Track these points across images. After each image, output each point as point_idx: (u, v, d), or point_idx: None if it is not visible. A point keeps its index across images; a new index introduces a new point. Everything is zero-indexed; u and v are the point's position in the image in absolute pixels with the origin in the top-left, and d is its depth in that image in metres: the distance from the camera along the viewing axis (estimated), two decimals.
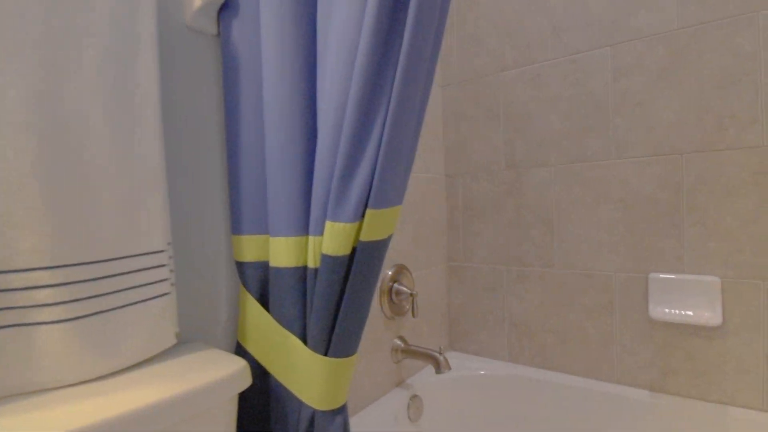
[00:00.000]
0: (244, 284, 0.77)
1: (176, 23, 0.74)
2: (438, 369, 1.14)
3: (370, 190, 0.58)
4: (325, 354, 0.66)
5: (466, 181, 1.50)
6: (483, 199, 1.46)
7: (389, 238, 0.64)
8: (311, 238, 0.65)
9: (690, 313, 1.05)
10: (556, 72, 1.29)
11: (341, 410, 0.68)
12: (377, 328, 1.20)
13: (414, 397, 1.23)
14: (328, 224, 0.60)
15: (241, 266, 0.78)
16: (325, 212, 0.62)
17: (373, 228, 0.60)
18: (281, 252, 0.69)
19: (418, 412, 1.23)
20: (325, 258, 0.61)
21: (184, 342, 0.73)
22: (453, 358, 1.49)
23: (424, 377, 1.32)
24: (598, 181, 1.22)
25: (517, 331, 1.41)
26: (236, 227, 0.77)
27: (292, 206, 0.67)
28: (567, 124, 1.28)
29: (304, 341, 0.69)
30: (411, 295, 1.20)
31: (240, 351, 0.80)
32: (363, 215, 0.59)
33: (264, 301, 0.76)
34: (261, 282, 0.76)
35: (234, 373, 0.62)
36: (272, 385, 0.74)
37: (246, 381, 0.64)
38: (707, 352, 1.07)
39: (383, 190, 0.58)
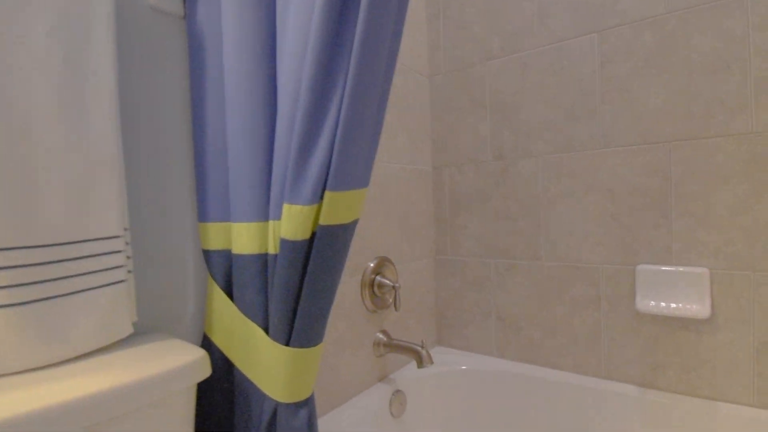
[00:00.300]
0: (211, 273, 0.75)
1: (139, 3, 0.72)
2: (420, 363, 1.12)
3: (328, 171, 0.56)
4: (287, 344, 0.63)
5: (453, 172, 1.47)
6: (470, 191, 1.43)
7: (354, 223, 0.62)
8: (272, 222, 0.62)
9: (678, 305, 1.02)
10: (543, 60, 1.26)
11: (306, 403, 0.66)
12: (358, 321, 1.17)
13: (397, 392, 1.20)
14: (285, 207, 0.57)
15: (207, 255, 0.75)
16: (283, 195, 0.60)
17: (333, 211, 0.57)
18: (243, 238, 0.66)
19: (401, 407, 1.21)
20: (284, 242, 0.58)
21: (145, 332, 0.71)
22: (440, 353, 1.47)
23: (408, 372, 1.30)
24: (586, 171, 1.19)
25: (504, 326, 1.38)
26: (202, 214, 0.75)
27: (253, 190, 0.64)
28: (554, 113, 1.25)
29: (267, 331, 0.67)
30: (393, 287, 1.18)
31: (206, 343, 0.77)
32: (322, 197, 0.57)
33: (229, 290, 0.74)
34: (226, 271, 0.73)
35: (191, 362, 0.59)
36: (236, 377, 0.72)
37: (204, 371, 0.61)
38: (697, 346, 1.04)
39: (343, 171, 0.56)
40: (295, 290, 0.60)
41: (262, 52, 0.65)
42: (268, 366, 0.65)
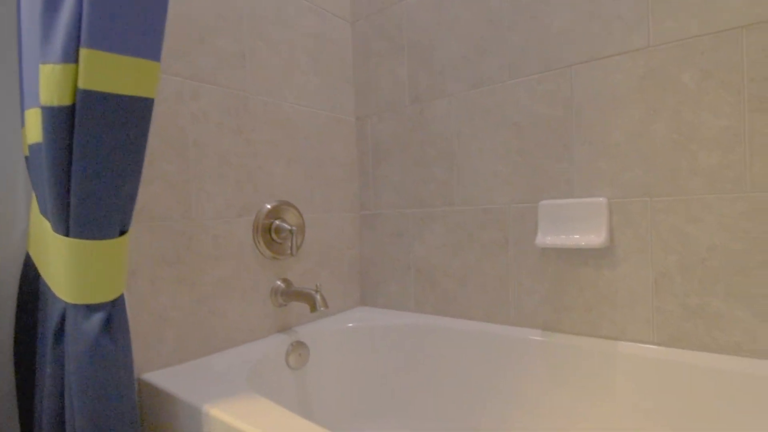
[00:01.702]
0: (31, 179, 0.69)
1: None
2: (313, 307, 1.05)
3: (80, 24, 0.49)
4: (66, 234, 0.57)
5: (375, 122, 1.40)
6: (390, 139, 1.36)
7: (142, 101, 0.55)
8: None
9: (576, 236, 0.95)
10: None
11: (104, 307, 0.59)
12: (251, 266, 1.11)
13: (297, 343, 1.14)
14: (40, 67, 0.51)
15: (27, 161, 0.69)
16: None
17: (97, 74, 0.50)
18: (31, 127, 0.60)
19: (301, 359, 1.14)
20: (44, 111, 0.52)
21: None
22: (358, 312, 1.40)
23: (315, 326, 1.23)
24: (495, 106, 1.12)
25: (422, 279, 1.31)
26: (22, 113, 0.69)
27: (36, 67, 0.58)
28: (465, 47, 1.18)
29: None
30: (290, 231, 1.11)
31: (27, 259, 0.71)
32: (77, 56, 0.50)
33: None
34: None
35: None
36: (41, 284, 0.65)
37: None
38: (597, 282, 0.97)
39: (101, 26, 0.49)
40: (64, 168, 0.54)
41: None
42: (55, 263, 0.58)
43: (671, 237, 0.87)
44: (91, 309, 0.58)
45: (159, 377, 0.85)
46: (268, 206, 1.14)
